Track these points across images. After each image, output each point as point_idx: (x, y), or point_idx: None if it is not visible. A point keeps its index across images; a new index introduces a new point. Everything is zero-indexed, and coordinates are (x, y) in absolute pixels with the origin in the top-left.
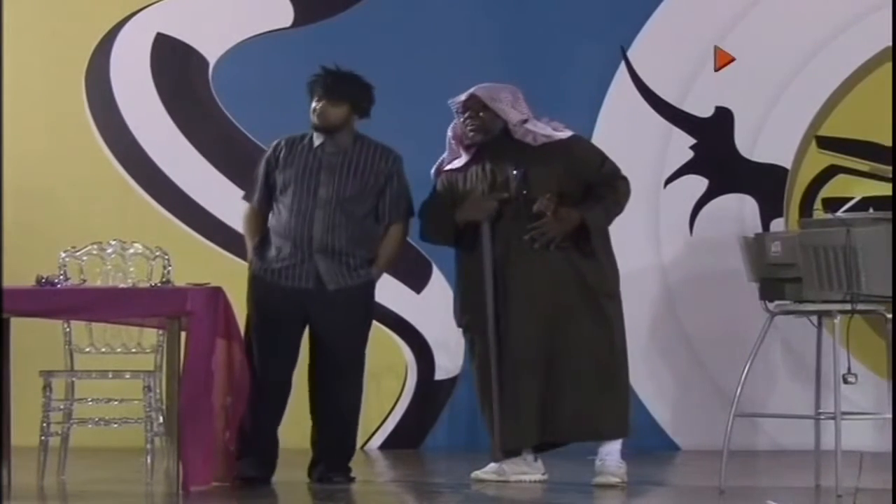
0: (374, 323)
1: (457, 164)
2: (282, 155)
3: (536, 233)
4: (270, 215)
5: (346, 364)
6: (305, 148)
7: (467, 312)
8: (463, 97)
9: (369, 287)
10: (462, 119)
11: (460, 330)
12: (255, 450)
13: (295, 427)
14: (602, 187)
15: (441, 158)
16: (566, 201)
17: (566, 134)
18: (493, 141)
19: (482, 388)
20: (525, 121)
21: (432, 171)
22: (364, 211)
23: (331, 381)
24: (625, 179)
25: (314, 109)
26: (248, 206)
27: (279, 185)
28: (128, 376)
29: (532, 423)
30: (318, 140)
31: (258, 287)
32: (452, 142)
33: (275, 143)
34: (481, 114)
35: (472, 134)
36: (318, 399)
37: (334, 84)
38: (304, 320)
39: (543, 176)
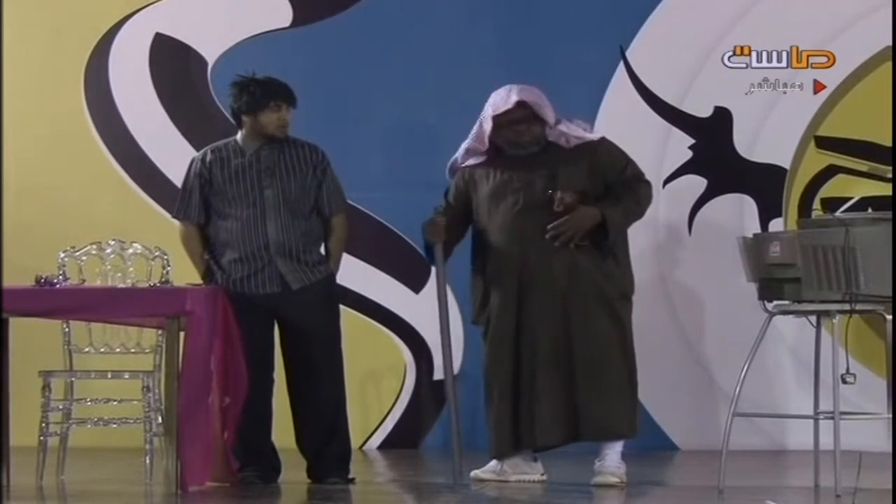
0: (374, 323)
1: (473, 161)
2: (215, 169)
3: (557, 230)
4: (213, 229)
5: (322, 361)
6: (239, 156)
7: (480, 311)
8: (512, 106)
9: (331, 281)
10: (512, 127)
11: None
12: (255, 459)
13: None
14: (622, 188)
15: (454, 158)
16: (588, 200)
17: (596, 135)
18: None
19: (494, 386)
20: (558, 121)
21: (447, 170)
22: (309, 207)
23: (309, 379)
24: (647, 184)
25: (280, 118)
26: (187, 224)
27: (225, 197)
28: (127, 376)
29: (558, 423)
30: (250, 146)
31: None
32: (475, 141)
33: (199, 155)
34: (533, 124)
35: (527, 144)
36: (297, 400)
37: (289, 89)
38: (272, 325)
39: (570, 176)
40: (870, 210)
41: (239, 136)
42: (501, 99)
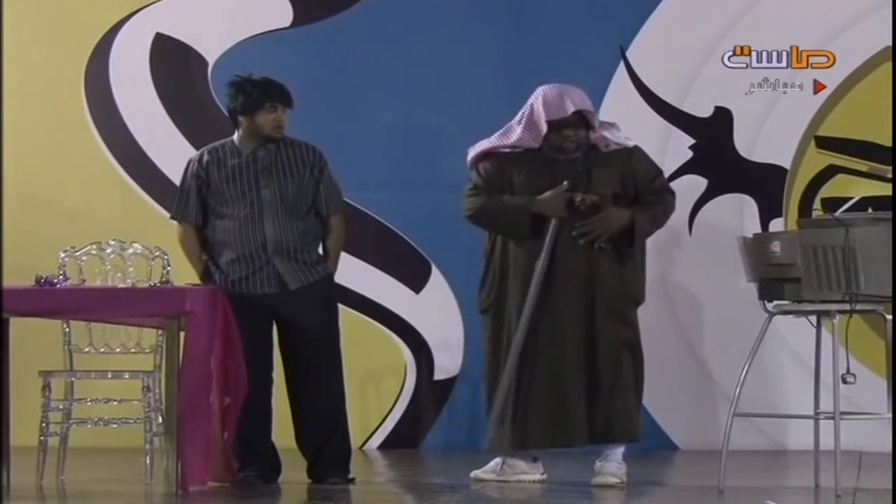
0: (374, 323)
1: (507, 150)
2: (212, 169)
3: (585, 228)
4: (211, 230)
5: (321, 361)
6: (236, 156)
7: (493, 298)
8: (568, 115)
9: (329, 281)
10: (560, 132)
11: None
12: (255, 459)
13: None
14: (652, 197)
15: (484, 147)
16: (620, 203)
17: (631, 143)
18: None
19: (498, 379)
20: (601, 125)
21: (472, 154)
22: (306, 207)
23: (309, 379)
24: (673, 195)
25: (276, 119)
26: (185, 225)
27: (222, 197)
28: (127, 376)
29: (582, 424)
30: (247, 147)
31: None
32: (527, 134)
33: (196, 156)
34: (580, 129)
35: (570, 150)
36: (297, 399)
37: (285, 90)
38: (271, 325)
39: (604, 178)
40: (870, 210)
41: (236, 136)
42: (554, 103)
